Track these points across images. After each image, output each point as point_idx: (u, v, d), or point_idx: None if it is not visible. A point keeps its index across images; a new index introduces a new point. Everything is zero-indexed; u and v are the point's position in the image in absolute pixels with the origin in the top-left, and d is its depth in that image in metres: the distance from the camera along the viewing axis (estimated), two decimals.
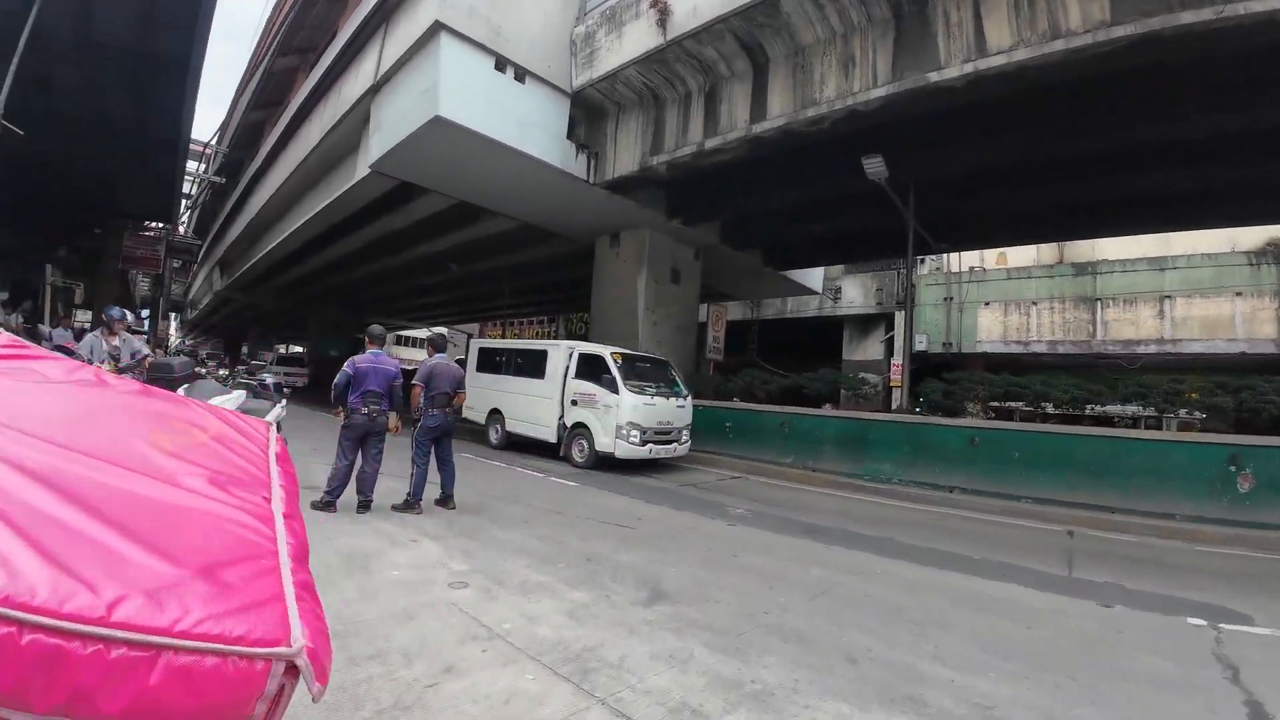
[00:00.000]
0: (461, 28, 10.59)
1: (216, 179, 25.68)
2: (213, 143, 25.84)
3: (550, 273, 20.95)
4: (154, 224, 22.81)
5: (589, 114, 12.80)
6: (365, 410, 6.12)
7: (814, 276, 22.50)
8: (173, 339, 65.21)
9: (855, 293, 24.40)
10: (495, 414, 13.16)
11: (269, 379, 7.25)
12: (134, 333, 9.08)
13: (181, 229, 30.16)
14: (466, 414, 12.42)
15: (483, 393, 13.23)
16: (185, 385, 5.57)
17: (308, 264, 24.39)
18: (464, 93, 10.68)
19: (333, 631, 1.21)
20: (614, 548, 5.62)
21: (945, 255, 23.64)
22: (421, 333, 57.39)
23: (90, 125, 13.41)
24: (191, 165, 29.70)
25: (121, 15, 10.09)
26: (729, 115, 10.97)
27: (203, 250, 35.56)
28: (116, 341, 7.16)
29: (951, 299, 22.80)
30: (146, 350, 7.67)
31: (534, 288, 24.00)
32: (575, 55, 12.16)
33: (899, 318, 22.86)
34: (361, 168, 13.58)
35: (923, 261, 24.42)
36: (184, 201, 30.17)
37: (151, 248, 21.98)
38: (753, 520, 7.45)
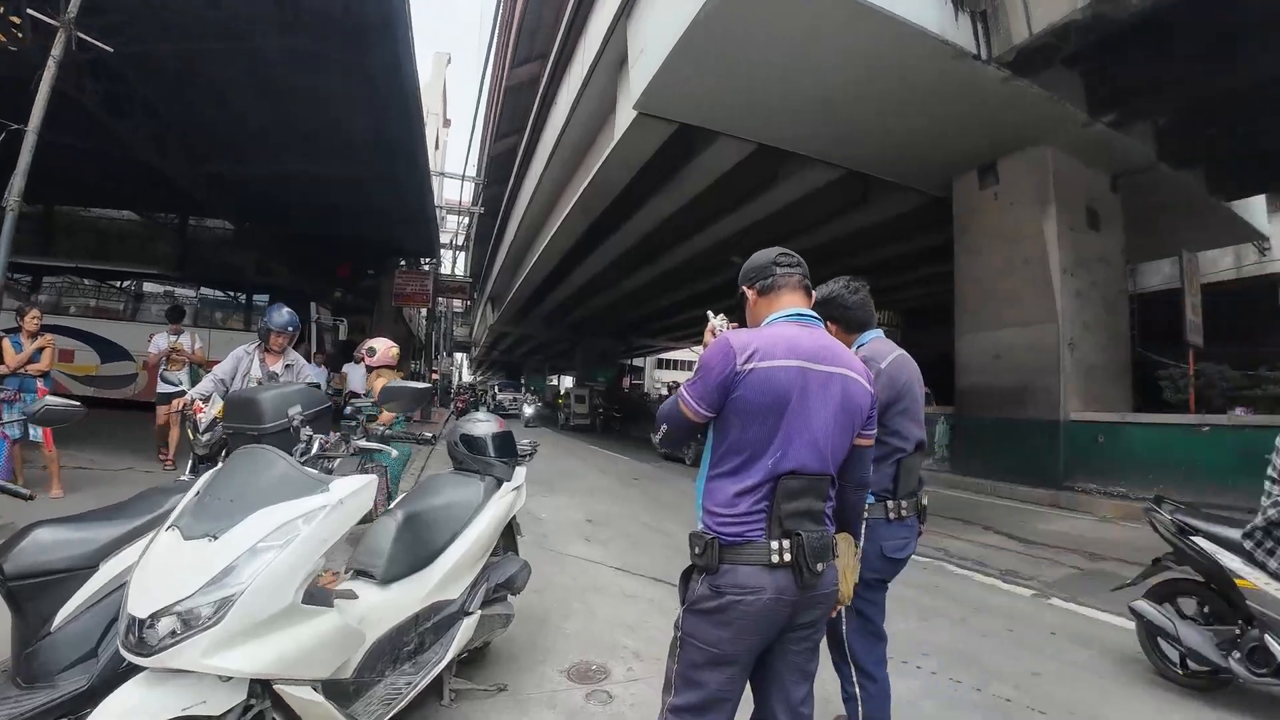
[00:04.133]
0: None
1: (477, 209, 25.22)
2: (469, 173, 25.37)
3: (865, 253, 15.66)
4: (425, 261, 22.27)
5: None
6: (782, 554, 1.49)
7: (1255, 211, 14.18)
8: (465, 376, 71.62)
9: None
10: None
11: (481, 429, 3.02)
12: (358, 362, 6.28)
13: (448, 266, 30.62)
14: None
15: None
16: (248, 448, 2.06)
17: (570, 281, 22.32)
18: None
19: None
20: None
21: None
22: (685, 354, 53.72)
23: (331, 141, 11.60)
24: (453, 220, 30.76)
25: None
26: None
27: (478, 291, 36.42)
28: (279, 365, 4.53)
29: None
30: (317, 379, 4.45)
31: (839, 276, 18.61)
32: None
33: None
34: (622, 119, 9.97)
35: None
36: (452, 241, 30.94)
37: (420, 283, 21.24)
38: None
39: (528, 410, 25.42)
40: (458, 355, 61.64)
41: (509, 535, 3.19)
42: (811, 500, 1.56)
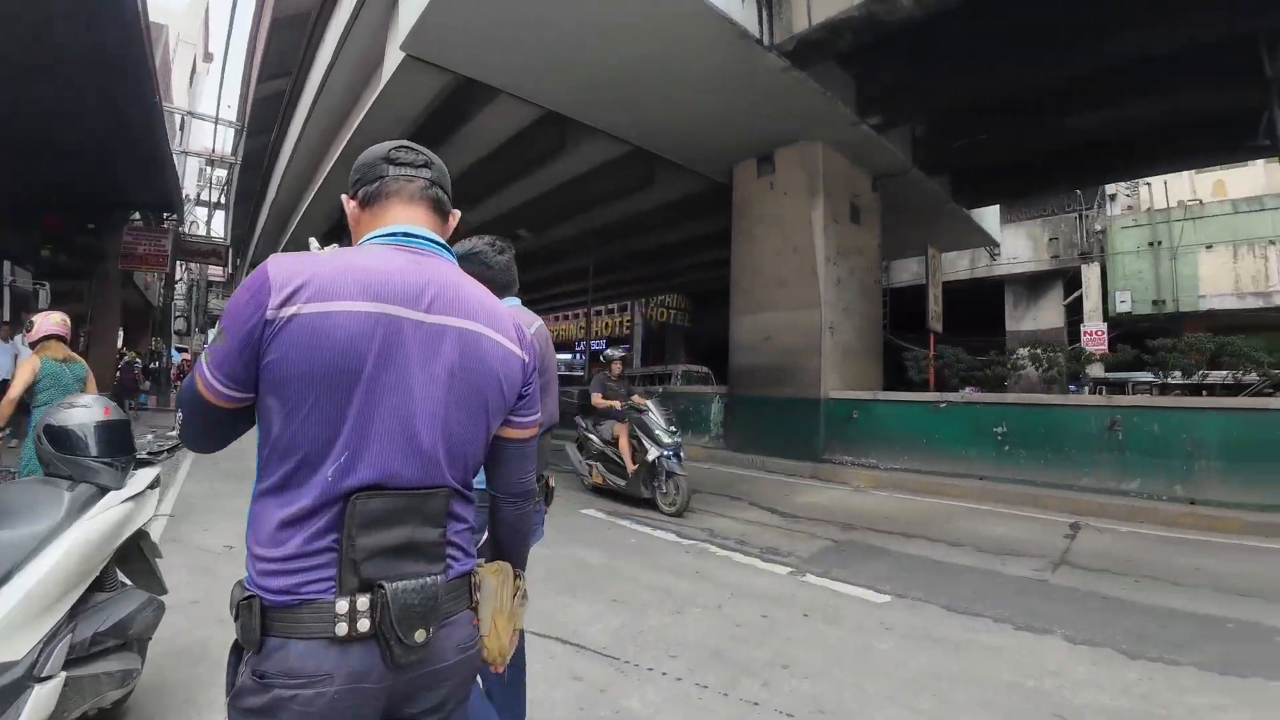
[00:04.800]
0: None
1: (234, 160, 21.89)
2: (226, 116, 21.84)
3: (654, 234, 15.74)
4: (167, 216, 18.72)
5: None
6: (354, 619, 0.90)
7: (990, 220, 16.64)
8: None
9: (1020, 245, 18.96)
10: None
11: (77, 416, 2.18)
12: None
13: (200, 226, 26.60)
14: None
15: None
16: None
17: None
18: None
19: None
20: None
21: (1145, 188, 17.90)
22: None
23: (32, 58, 8.90)
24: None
25: None
26: None
27: (241, 257, 32.01)
28: None
29: (1160, 243, 16.79)
30: None
31: (623, 260, 18.62)
32: None
33: (1086, 273, 17.83)
34: (390, 62, 8.82)
35: (1113, 198, 18.71)
36: (201, 194, 26.75)
37: (157, 243, 17.65)
38: None
39: None
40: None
41: (140, 561, 2.34)
42: (412, 528, 0.97)
